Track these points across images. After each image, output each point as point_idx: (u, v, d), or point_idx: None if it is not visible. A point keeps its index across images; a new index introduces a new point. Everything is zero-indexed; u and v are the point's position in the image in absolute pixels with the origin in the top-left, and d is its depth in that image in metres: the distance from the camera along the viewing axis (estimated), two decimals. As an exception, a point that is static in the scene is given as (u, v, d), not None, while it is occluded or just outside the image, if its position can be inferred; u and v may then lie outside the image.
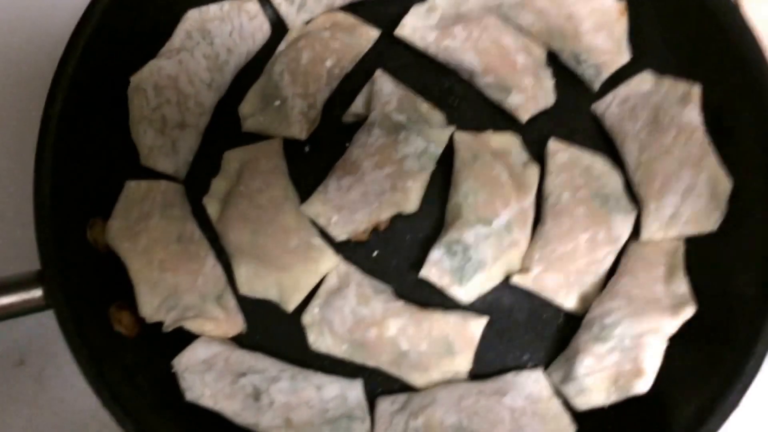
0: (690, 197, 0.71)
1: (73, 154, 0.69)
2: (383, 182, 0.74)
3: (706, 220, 0.71)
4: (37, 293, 0.65)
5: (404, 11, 0.79)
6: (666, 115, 0.73)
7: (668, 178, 0.72)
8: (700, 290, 0.70)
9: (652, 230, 0.74)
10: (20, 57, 0.79)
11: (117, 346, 0.69)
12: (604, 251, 0.74)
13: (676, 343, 0.69)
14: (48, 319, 0.72)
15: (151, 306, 0.70)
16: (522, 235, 0.74)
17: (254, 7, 0.79)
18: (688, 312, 0.68)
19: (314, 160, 0.78)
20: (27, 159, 0.72)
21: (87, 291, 0.68)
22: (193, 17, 0.76)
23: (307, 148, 0.78)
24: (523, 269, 0.74)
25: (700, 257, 0.72)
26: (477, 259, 0.73)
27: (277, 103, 0.75)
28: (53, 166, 0.67)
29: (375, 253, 0.77)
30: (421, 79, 0.80)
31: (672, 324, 0.68)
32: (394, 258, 0.77)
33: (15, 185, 0.77)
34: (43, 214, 0.66)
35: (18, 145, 0.77)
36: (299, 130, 0.75)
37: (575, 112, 0.80)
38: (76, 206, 0.69)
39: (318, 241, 0.74)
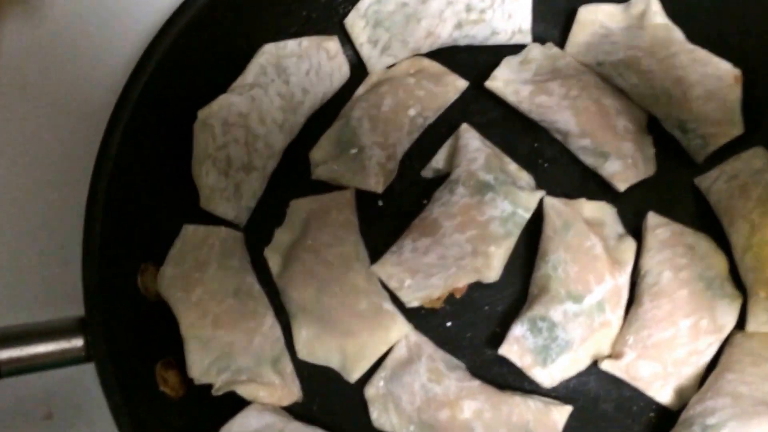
0: (807, 288, 0.64)
1: (129, 190, 0.64)
2: (464, 246, 0.67)
3: (826, 316, 0.64)
4: (77, 343, 0.58)
5: (495, 61, 0.74)
6: (783, 195, 0.66)
7: (783, 265, 0.65)
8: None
9: (760, 321, 0.66)
10: (80, 83, 0.73)
11: (161, 407, 0.62)
12: (706, 341, 0.66)
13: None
14: (82, 370, 0.66)
15: (200, 366, 0.62)
16: (614, 315, 0.67)
17: (334, 46, 0.73)
18: (807, 419, 0.60)
19: (387, 216, 0.72)
20: (76, 191, 0.66)
21: (132, 344, 0.61)
22: (269, 51, 0.70)
23: (380, 202, 0.72)
24: (615, 354, 0.66)
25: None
26: (564, 339, 0.65)
27: (354, 151, 0.69)
28: (106, 202, 0.61)
29: (448, 324, 0.69)
30: (509, 136, 0.74)
31: (788, 431, 0.60)
32: (469, 330, 0.70)
33: (59, 218, 0.70)
34: (91, 254, 0.60)
35: (68, 176, 0.70)
36: (375, 182, 0.69)
37: (675, 185, 0.73)
38: (127, 248, 0.63)
39: (389, 305, 0.67)
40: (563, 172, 0.73)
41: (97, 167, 0.61)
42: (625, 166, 0.70)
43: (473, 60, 0.76)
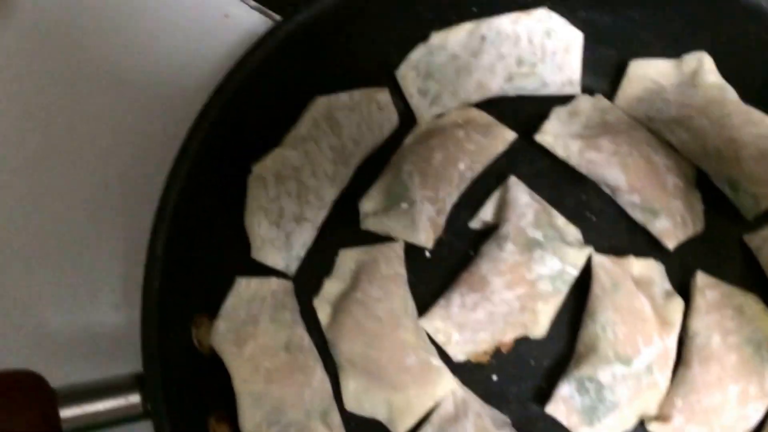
0: None
1: (185, 246, 0.64)
2: (512, 303, 0.68)
3: None
4: (135, 399, 0.59)
5: (542, 111, 0.73)
6: (835, 260, 0.66)
7: (835, 332, 0.65)
8: None
9: (808, 386, 0.66)
10: (136, 142, 0.74)
11: (213, 460, 0.63)
12: (754, 406, 0.66)
13: None
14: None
15: (253, 421, 0.63)
16: (662, 376, 0.67)
17: (385, 98, 0.73)
18: None
19: (434, 266, 0.72)
20: (129, 250, 0.68)
21: (187, 398, 0.62)
22: (322, 104, 0.71)
23: (427, 253, 0.72)
24: (663, 417, 0.66)
25: None
26: (611, 401, 0.66)
27: (405, 206, 0.69)
28: (163, 263, 0.62)
29: (494, 377, 0.70)
30: (556, 187, 0.74)
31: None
32: (515, 385, 0.70)
33: (113, 276, 0.72)
34: (149, 312, 0.61)
35: (121, 233, 0.72)
36: (426, 238, 0.69)
37: (724, 240, 0.73)
38: (183, 303, 0.64)
39: (437, 361, 0.67)
40: (611, 225, 0.73)
41: (156, 226, 0.61)
42: (674, 224, 0.70)
43: (521, 109, 0.76)
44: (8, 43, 0.76)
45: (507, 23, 0.72)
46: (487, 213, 0.72)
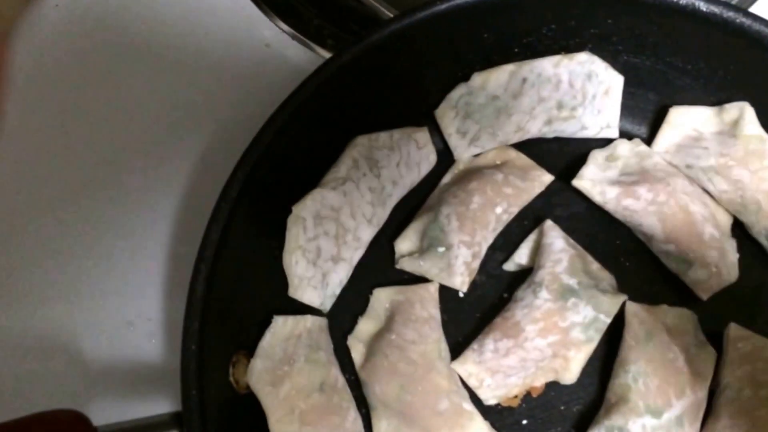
0: None
1: (225, 283, 0.65)
2: (545, 350, 0.68)
3: None
4: (171, 437, 0.60)
5: (579, 153, 0.74)
6: None
7: None
8: None
9: (837, 443, 0.66)
10: (180, 166, 0.75)
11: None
12: (783, 460, 0.66)
13: None
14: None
15: (287, 462, 0.64)
16: (692, 429, 0.68)
17: (424, 137, 0.74)
18: None
19: (467, 307, 0.73)
20: (167, 269, 0.68)
21: (223, 437, 0.63)
22: (362, 144, 0.71)
23: (461, 293, 0.73)
24: (692, 469, 0.67)
25: None
26: (641, 451, 0.66)
27: (442, 249, 0.70)
28: (204, 297, 0.62)
29: (524, 422, 0.71)
30: (591, 231, 0.74)
31: None
32: (545, 430, 0.70)
33: (149, 316, 0.73)
34: (189, 351, 0.62)
35: (161, 257, 0.73)
36: (461, 282, 0.70)
37: (757, 291, 0.73)
38: (221, 341, 0.65)
39: (469, 405, 0.68)
40: (644, 271, 0.73)
41: (197, 267, 0.62)
42: (708, 275, 0.70)
43: (558, 150, 0.76)
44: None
45: (549, 66, 0.72)
46: (521, 256, 0.73)
